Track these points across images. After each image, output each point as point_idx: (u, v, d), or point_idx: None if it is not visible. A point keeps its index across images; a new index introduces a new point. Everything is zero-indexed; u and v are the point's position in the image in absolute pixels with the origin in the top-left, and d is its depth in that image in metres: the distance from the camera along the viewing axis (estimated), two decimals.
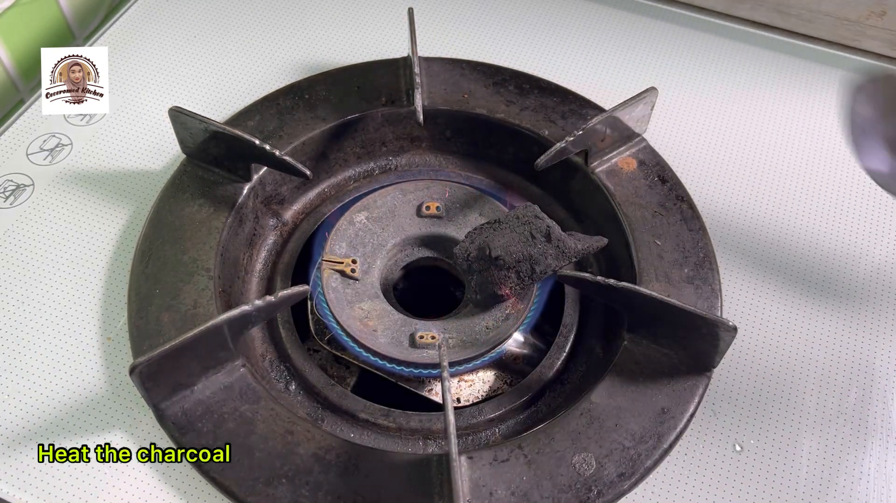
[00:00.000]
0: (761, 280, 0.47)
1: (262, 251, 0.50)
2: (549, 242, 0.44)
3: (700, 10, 0.61)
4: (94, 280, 0.45)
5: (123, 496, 0.38)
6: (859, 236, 0.49)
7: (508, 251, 0.43)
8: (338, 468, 0.38)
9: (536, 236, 0.44)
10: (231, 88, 0.54)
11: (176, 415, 0.39)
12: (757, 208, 0.50)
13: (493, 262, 0.44)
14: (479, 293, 0.45)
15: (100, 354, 0.42)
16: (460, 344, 0.44)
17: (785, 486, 0.39)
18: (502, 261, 0.43)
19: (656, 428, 0.39)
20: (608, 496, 0.37)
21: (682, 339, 0.41)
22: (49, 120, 0.52)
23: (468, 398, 0.45)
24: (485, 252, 0.44)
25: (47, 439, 0.39)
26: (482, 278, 0.44)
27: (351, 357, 0.45)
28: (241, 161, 0.47)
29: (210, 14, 0.59)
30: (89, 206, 0.48)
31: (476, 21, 0.60)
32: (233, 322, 0.38)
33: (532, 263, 0.43)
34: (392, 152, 0.54)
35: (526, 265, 0.43)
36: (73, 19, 0.62)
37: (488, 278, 0.44)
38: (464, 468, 0.37)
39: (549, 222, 0.44)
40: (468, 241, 0.45)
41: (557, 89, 0.53)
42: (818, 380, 0.43)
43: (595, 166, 0.49)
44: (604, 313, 0.47)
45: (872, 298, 0.46)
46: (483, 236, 0.45)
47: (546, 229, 0.44)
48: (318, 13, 0.60)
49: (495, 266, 0.44)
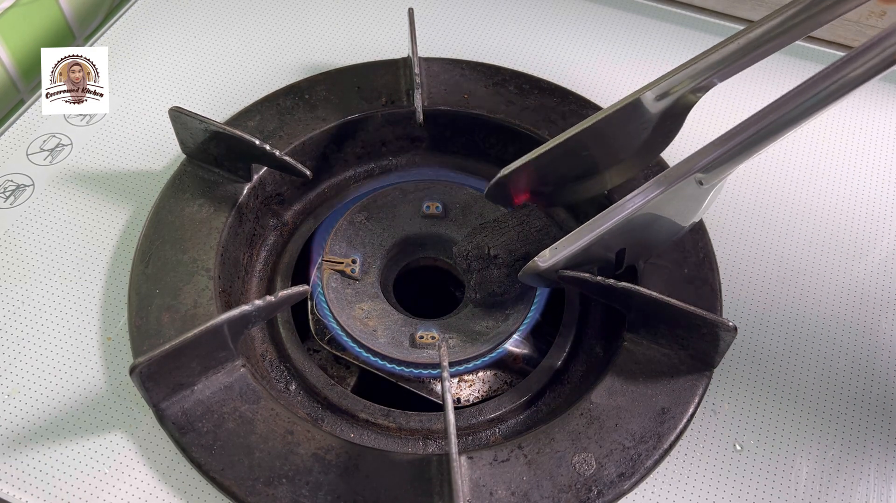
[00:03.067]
0: (761, 280, 0.47)
1: (262, 251, 0.50)
2: (548, 240, 0.44)
3: (700, 10, 0.61)
4: (94, 280, 0.45)
5: (123, 496, 0.38)
6: (859, 236, 0.49)
7: (507, 250, 0.43)
8: (338, 468, 0.38)
9: (535, 234, 0.44)
10: (231, 88, 0.54)
11: (176, 415, 0.39)
12: (757, 208, 0.50)
13: (491, 261, 0.44)
14: (478, 292, 0.45)
15: (100, 354, 0.42)
16: (460, 344, 0.44)
17: (785, 486, 0.39)
18: (501, 260, 0.43)
19: (656, 428, 0.39)
20: (608, 496, 0.37)
21: (682, 339, 0.41)
22: (49, 120, 0.52)
23: (468, 398, 0.45)
24: (484, 251, 0.44)
25: (47, 439, 0.39)
26: (481, 277, 0.44)
27: (351, 357, 0.45)
28: (242, 161, 0.47)
29: (210, 14, 0.59)
30: (89, 206, 0.48)
31: (476, 21, 0.60)
32: (233, 322, 0.38)
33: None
34: (392, 152, 0.54)
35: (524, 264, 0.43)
36: (73, 19, 0.62)
37: (487, 277, 0.44)
38: (464, 468, 0.37)
39: (546, 221, 0.45)
40: (467, 240, 0.45)
41: (557, 89, 0.53)
42: (818, 380, 0.43)
43: None
44: (604, 313, 0.47)
45: (873, 298, 0.46)
46: (482, 235, 0.45)
47: (544, 228, 0.44)
48: (318, 13, 0.60)
49: (494, 265, 0.44)
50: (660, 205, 0.39)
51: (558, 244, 0.40)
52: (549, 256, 0.40)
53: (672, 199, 0.39)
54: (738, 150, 0.38)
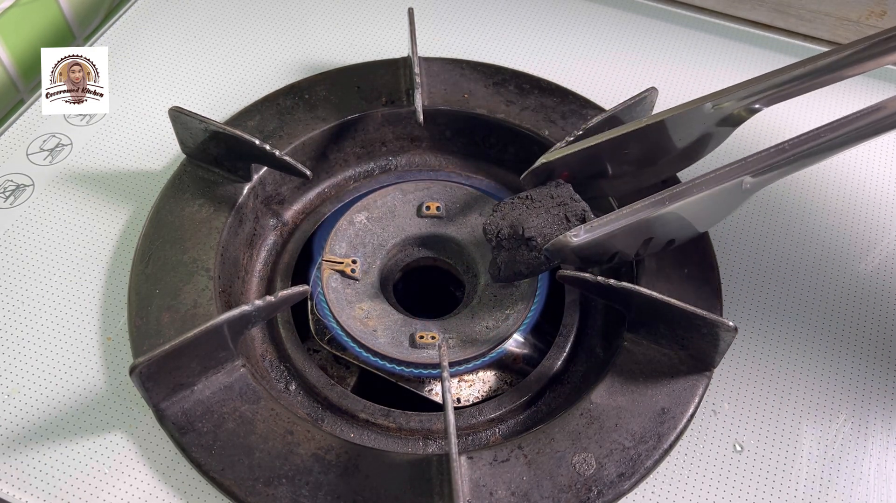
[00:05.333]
0: (761, 280, 0.47)
1: (262, 251, 0.50)
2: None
3: (700, 10, 0.61)
4: (94, 280, 0.45)
5: (123, 496, 0.38)
6: (860, 236, 0.49)
7: (542, 233, 0.41)
8: (338, 468, 0.38)
9: (572, 220, 0.42)
10: (231, 88, 0.54)
11: (176, 415, 0.39)
12: (757, 208, 0.50)
13: (524, 242, 0.42)
14: (503, 271, 0.43)
15: (100, 354, 0.42)
16: (460, 344, 0.44)
17: (785, 486, 0.39)
18: (535, 243, 0.41)
19: (656, 428, 0.39)
20: (608, 496, 0.37)
21: (682, 339, 0.41)
22: (49, 120, 0.52)
23: (468, 398, 0.45)
24: (518, 231, 0.42)
25: (47, 439, 0.39)
26: (510, 256, 0.43)
27: (351, 357, 0.45)
28: (242, 161, 0.47)
29: (210, 14, 0.59)
30: (89, 206, 0.48)
31: (476, 21, 0.60)
32: (233, 322, 0.38)
33: None
34: (392, 152, 0.54)
35: None
36: (73, 19, 0.62)
37: (517, 257, 0.42)
38: (464, 468, 0.37)
39: (585, 205, 0.43)
40: (499, 215, 0.43)
41: (557, 89, 0.53)
42: (818, 380, 0.43)
43: None
44: (604, 313, 0.47)
45: (873, 298, 0.46)
46: (515, 213, 0.43)
47: (582, 213, 0.42)
48: (318, 13, 0.60)
49: (526, 247, 0.42)
50: (702, 201, 0.40)
51: (594, 223, 0.40)
52: (581, 234, 0.39)
53: (715, 197, 0.40)
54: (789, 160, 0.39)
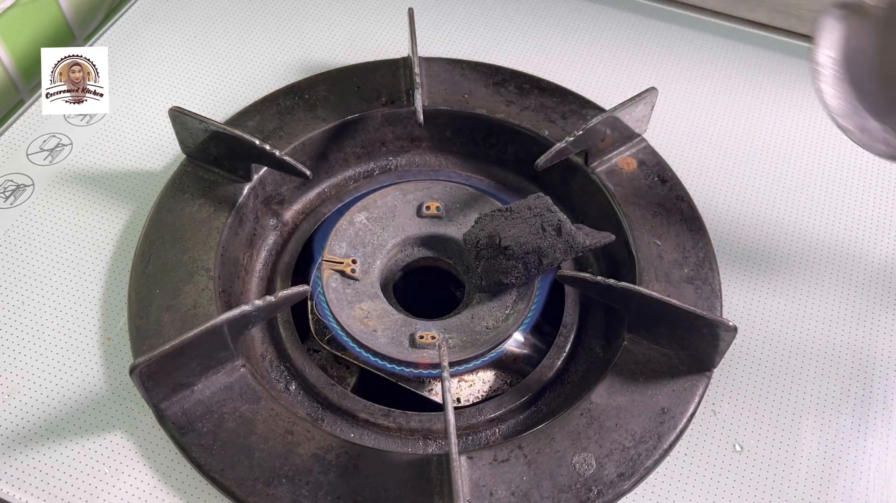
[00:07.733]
0: (761, 280, 0.47)
1: (262, 251, 0.50)
2: (559, 236, 0.44)
3: (700, 10, 0.61)
4: (94, 280, 0.45)
5: (123, 496, 0.38)
6: (859, 235, 0.49)
7: (518, 242, 0.43)
8: (338, 468, 0.38)
9: (547, 229, 0.44)
10: (231, 88, 0.54)
11: (176, 415, 0.39)
12: (757, 208, 0.50)
13: (501, 251, 0.44)
14: (483, 279, 0.45)
15: (100, 354, 0.42)
16: (460, 344, 0.44)
17: (785, 486, 0.39)
18: (511, 251, 0.43)
19: (656, 428, 0.39)
20: (608, 496, 0.37)
21: (682, 339, 0.41)
22: (49, 120, 0.52)
23: (468, 398, 0.45)
24: (494, 240, 0.44)
25: (47, 439, 0.39)
26: (489, 265, 0.44)
27: (351, 357, 0.45)
28: (241, 161, 0.47)
29: (210, 14, 0.59)
30: (89, 207, 0.48)
31: (476, 21, 0.60)
32: (233, 322, 0.38)
33: (540, 255, 0.43)
34: (392, 152, 0.54)
35: (534, 257, 0.43)
36: (73, 19, 0.62)
37: (495, 266, 0.44)
38: (464, 468, 0.37)
39: (561, 216, 0.44)
40: (478, 227, 0.45)
41: (557, 89, 0.53)
42: (818, 380, 0.43)
43: (595, 166, 0.49)
44: (604, 313, 0.47)
45: (872, 298, 0.46)
46: (494, 224, 0.44)
47: (557, 223, 0.44)
48: (318, 13, 0.60)
49: (504, 255, 0.44)
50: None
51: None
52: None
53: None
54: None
